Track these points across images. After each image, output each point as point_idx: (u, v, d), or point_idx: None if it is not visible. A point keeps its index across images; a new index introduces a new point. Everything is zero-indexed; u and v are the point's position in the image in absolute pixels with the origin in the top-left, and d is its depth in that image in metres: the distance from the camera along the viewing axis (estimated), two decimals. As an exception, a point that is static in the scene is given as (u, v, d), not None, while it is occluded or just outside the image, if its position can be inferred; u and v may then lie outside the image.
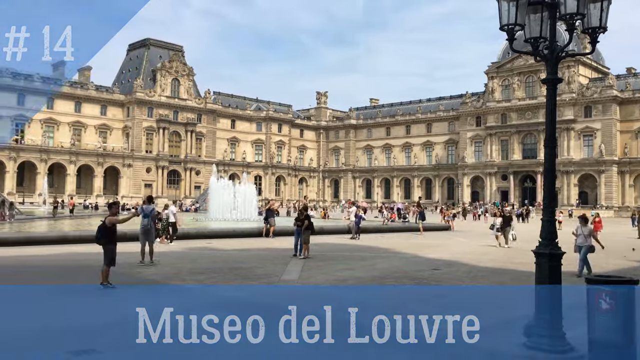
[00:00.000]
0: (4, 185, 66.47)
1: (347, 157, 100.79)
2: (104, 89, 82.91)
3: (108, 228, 10.74)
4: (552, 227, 6.90)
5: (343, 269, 14.13)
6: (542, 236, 6.96)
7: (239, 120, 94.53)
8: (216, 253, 17.14)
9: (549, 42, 6.80)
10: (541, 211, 7.45)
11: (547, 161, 7.02)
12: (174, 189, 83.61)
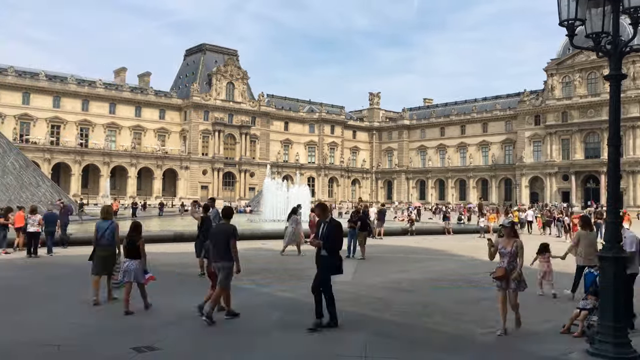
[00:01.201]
0: (70, 187, 69.63)
1: (400, 158, 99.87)
2: (162, 94, 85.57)
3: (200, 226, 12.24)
4: (616, 229, 6.62)
5: (397, 271, 14.02)
6: (605, 239, 6.69)
7: (292, 122, 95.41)
8: (270, 254, 17.36)
9: (612, 37, 6.52)
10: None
11: (612, 161, 6.74)
12: (229, 191, 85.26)
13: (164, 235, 21.92)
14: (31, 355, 6.17)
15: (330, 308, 7.78)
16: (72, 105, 75.44)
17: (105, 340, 6.88)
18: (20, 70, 73.59)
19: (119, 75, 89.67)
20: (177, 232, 22.61)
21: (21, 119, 71.33)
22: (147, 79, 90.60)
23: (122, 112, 79.51)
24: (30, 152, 62.41)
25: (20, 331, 7.22)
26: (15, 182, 31.52)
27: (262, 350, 6.44)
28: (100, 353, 6.33)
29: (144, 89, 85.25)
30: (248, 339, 7.04)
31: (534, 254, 11.35)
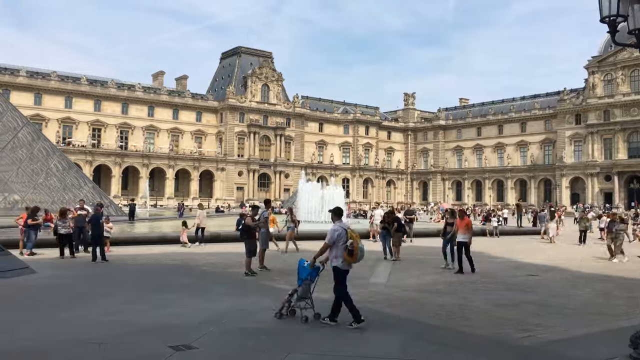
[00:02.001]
0: (110, 188, 71.41)
1: (435, 159, 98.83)
2: (199, 97, 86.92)
3: (248, 226, 13.06)
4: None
5: (432, 273, 13.88)
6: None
7: (326, 124, 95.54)
8: (305, 254, 17.39)
9: (655, 33, 6.31)
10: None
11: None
12: (264, 192, 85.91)
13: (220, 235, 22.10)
14: (73, 352, 6.36)
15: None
16: (112, 108, 77.39)
17: (145, 338, 7.03)
18: (62, 75, 75.91)
19: (157, 79, 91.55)
20: (213, 233, 22.90)
21: (64, 122, 73.55)
22: (184, 82, 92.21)
23: (160, 114, 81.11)
24: (73, 155, 64.25)
25: (64, 329, 7.45)
26: (58, 184, 32.51)
27: (298, 353, 6.47)
28: (139, 350, 6.48)
29: (181, 92, 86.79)
30: (284, 340, 7.09)
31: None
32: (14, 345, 6.55)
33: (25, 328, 7.50)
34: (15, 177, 32.05)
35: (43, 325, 7.65)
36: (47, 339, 6.88)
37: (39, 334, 7.15)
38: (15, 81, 70.44)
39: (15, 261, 12.70)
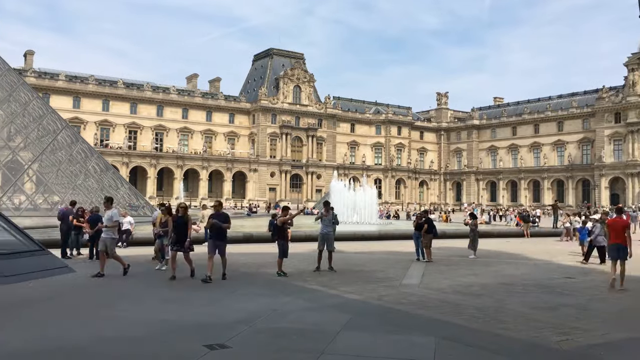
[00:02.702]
0: (146, 189, 72.81)
1: (469, 159, 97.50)
2: (232, 99, 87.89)
3: (280, 227, 12.98)
4: None
5: (467, 274, 13.68)
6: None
7: (358, 124, 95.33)
8: (338, 255, 17.38)
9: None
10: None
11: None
12: (297, 193, 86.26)
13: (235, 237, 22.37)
14: (111, 349, 6.49)
15: None
16: (148, 111, 78.95)
17: (180, 336, 7.12)
18: (100, 79, 77.79)
19: (191, 82, 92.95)
20: (246, 233, 23.09)
21: (101, 125, 75.36)
22: (217, 84, 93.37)
23: (194, 116, 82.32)
24: (110, 156, 65.77)
25: (103, 326, 7.61)
26: (96, 185, 33.30)
27: (330, 355, 6.46)
28: (175, 348, 6.57)
29: (214, 94, 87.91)
30: (317, 340, 7.08)
31: None
32: (54, 343, 6.73)
33: (65, 326, 7.70)
34: (55, 179, 32.98)
35: (82, 323, 7.84)
36: (87, 336, 7.04)
37: (78, 331, 7.32)
38: (55, 85, 72.52)
39: (55, 260, 13.03)
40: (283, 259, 12.89)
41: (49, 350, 6.42)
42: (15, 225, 12.53)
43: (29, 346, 6.54)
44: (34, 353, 6.28)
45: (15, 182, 30.61)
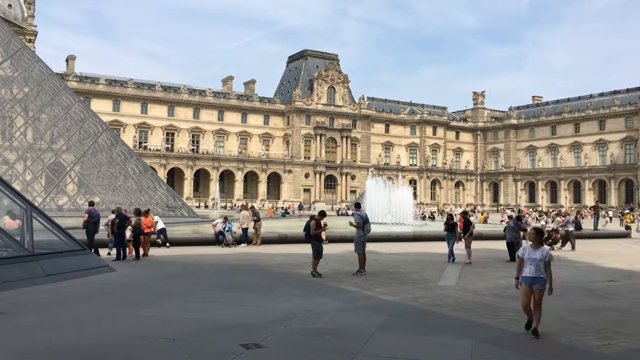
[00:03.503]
0: (183, 190, 74.04)
1: (507, 159, 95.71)
2: (266, 100, 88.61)
3: (314, 229, 13.14)
4: None
5: (504, 276, 13.42)
6: None
7: (392, 125, 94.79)
8: (373, 256, 17.30)
9: None
10: None
11: None
12: (331, 194, 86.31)
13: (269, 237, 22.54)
14: (149, 347, 6.62)
15: None
16: (185, 113, 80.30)
17: (216, 335, 7.22)
18: (139, 82, 79.54)
19: (227, 84, 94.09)
20: (281, 234, 23.23)
21: (140, 128, 77.02)
22: (252, 86, 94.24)
23: (230, 118, 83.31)
24: (148, 158, 67.15)
25: (141, 325, 7.78)
26: (135, 186, 34.04)
27: (365, 356, 6.44)
28: (211, 347, 6.66)
29: (249, 96, 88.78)
30: (351, 341, 7.07)
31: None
32: (94, 340, 6.91)
33: (105, 324, 7.90)
34: (96, 180, 33.86)
35: (122, 321, 8.03)
36: (125, 334, 7.20)
37: (117, 329, 7.50)
38: (96, 89, 74.49)
39: (96, 260, 13.39)
40: (318, 259, 12.92)
41: (86, 347, 6.59)
42: (58, 226, 12.94)
43: (65, 344, 6.73)
44: (72, 350, 6.46)
45: (58, 183, 31.56)
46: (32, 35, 64.40)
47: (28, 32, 63.64)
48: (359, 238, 13.44)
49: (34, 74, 31.00)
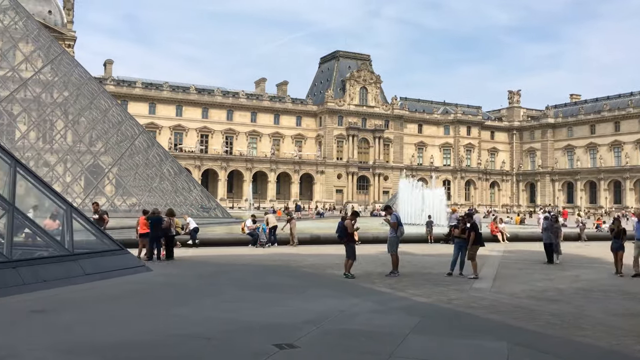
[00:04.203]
0: (217, 191, 74.94)
1: (544, 159, 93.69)
2: (298, 101, 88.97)
3: (347, 230, 13.08)
4: None
5: (541, 279, 13.15)
6: None
7: (425, 125, 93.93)
8: (406, 257, 17.18)
9: None
10: None
11: None
12: (364, 194, 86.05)
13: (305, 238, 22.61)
14: (184, 346, 6.72)
15: None
16: (218, 115, 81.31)
17: (250, 335, 7.28)
18: (174, 85, 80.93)
19: (259, 86, 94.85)
20: (313, 235, 23.27)
21: (175, 130, 78.33)
22: (284, 87, 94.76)
23: (262, 120, 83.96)
24: (183, 160, 68.21)
25: (176, 323, 7.90)
26: (170, 187, 34.63)
27: (398, 358, 6.39)
28: (245, 347, 6.72)
29: (282, 97, 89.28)
30: (385, 343, 7.04)
31: None
32: (131, 338, 7.05)
33: (141, 322, 8.05)
34: (133, 181, 34.58)
35: (157, 320, 8.17)
36: (161, 332, 7.33)
37: (153, 327, 7.63)
38: (132, 92, 76.10)
39: (133, 260, 13.66)
40: (352, 261, 12.89)
41: (124, 345, 6.73)
42: (96, 226, 13.26)
43: (104, 341, 6.89)
44: (111, 347, 6.61)
45: (97, 185, 32.35)
46: (71, 40, 66.21)
47: (67, 38, 65.45)
48: (393, 239, 13.35)
49: (73, 78, 31.85)
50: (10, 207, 10.47)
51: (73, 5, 68.56)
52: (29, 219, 11.28)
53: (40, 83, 31.44)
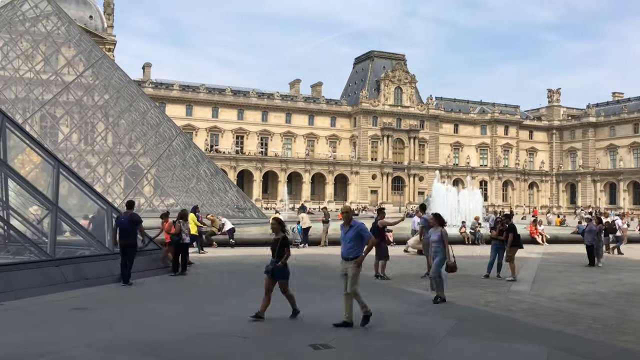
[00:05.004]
0: (252, 192, 75.62)
1: (585, 159, 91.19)
2: (333, 102, 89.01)
3: (379, 229, 12.73)
4: None
5: (582, 282, 12.82)
6: None
7: (462, 125, 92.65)
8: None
9: None
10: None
11: None
12: (398, 195, 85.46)
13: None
14: (219, 344, 6.81)
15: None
16: (254, 116, 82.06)
17: (285, 334, 7.33)
18: (210, 87, 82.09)
19: (294, 87, 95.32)
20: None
21: (211, 131, 79.43)
22: (319, 88, 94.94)
23: (297, 121, 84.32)
24: (219, 161, 69.02)
25: (212, 322, 8.01)
26: (207, 188, 35.11)
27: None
28: (280, 346, 6.76)
29: (316, 98, 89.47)
30: (420, 345, 6.97)
31: None
32: (170, 336, 7.19)
33: (178, 320, 8.19)
34: (171, 182, 35.20)
35: (194, 318, 8.30)
36: (197, 331, 7.44)
37: (190, 326, 7.75)
38: (170, 95, 77.53)
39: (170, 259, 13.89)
40: (385, 261, 12.74)
41: (162, 342, 6.86)
42: (136, 226, 13.51)
43: (143, 338, 7.04)
44: (150, 344, 6.75)
45: (136, 185, 33.07)
46: (111, 44, 67.92)
47: (108, 42, 67.16)
48: (426, 240, 13.17)
49: (113, 81, 32.65)
50: (53, 207, 10.81)
51: (113, 10, 70.34)
52: (71, 219, 11.60)
53: (81, 86, 32.32)
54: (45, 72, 33.05)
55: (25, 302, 8.10)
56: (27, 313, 7.89)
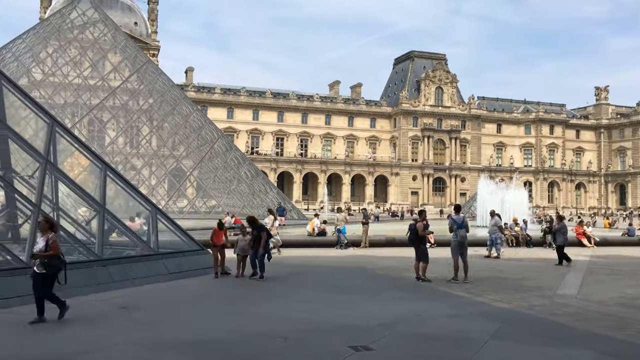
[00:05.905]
0: (292, 194, 76.06)
1: (635, 158, 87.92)
2: (372, 103, 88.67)
3: (417, 232, 12.67)
4: None
5: (632, 285, 12.36)
6: None
7: (505, 124, 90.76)
8: (484, 261, 16.71)
9: None
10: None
11: None
12: (440, 196, 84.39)
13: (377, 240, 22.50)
14: (261, 344, 6.88)
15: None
16: (293, 118, 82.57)
17: (326, 336, 7.34)
18: (250, 90, 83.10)
19: (333, 88, 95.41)
20: (388, 237, 23.09)
21: (252, 134, 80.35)
22: (358, 89, 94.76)
23: (336, 122, 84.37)
24: (259, 163, 69.73)
25: (253, 322, 8.10)
26: (247, 190, 35.54)
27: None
28: (321, 347, 6.78)
29: (356, 99, 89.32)
30: (462, 348, 6.87)
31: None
32: (210, 336, 7.31)
33: (220, 320, 8.32)
34: (212, 184, 35.80)
35: (236, 319, 8.41)
36: (239, 331, 7.54)
37: (232, 326, 7.87)
38: (211, 98, 78.85)
39: (212, 260, 14.12)
40: (426, 264, 12.58)
41: (204, 342, 6.97)
42: (179, 227, 13.83)
43: (186, 338, 7.17)
44: (192, 344, 6.88)
45: (179, 187, 33.79)
46: (155, 50, 69.59)
47: (152, 47, 68.84)
48: (453, 243, 12.97)
49: (157, 86, 33.47)
50: (101, 208, 11.15)
51: (157, 16, 72.09)
52: (118, 220, 11.94)
53: (127, 91, 33.25)
54: (92, 78, 34.16)
55: (73, 301, 8.38)
56: (75, 311, 8.15)
